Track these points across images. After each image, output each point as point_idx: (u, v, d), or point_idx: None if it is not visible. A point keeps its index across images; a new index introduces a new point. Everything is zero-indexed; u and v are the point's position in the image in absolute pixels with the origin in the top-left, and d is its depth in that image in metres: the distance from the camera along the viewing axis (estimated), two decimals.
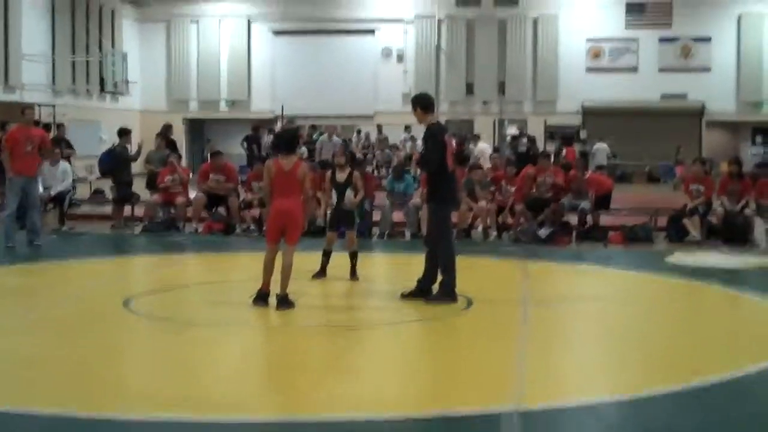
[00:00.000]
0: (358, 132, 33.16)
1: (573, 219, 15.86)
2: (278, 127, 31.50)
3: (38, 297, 10.30)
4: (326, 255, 10.85)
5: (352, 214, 10.96)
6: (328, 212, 11.61)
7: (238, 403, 5.87)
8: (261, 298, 8.96)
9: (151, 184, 17.30)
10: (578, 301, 9.73)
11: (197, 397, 6.04)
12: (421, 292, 9.53)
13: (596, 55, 36.63)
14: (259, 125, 29.67)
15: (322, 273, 10.79)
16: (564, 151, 21.23)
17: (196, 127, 39.33)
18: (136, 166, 18.56)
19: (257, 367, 7.34)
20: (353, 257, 10.84)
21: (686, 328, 8.81)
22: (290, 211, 9.12)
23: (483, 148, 26.25)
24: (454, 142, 26.39)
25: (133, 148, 18.23)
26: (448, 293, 9.41)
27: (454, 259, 9.50)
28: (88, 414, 5.63)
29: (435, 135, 9.53)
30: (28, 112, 14.27)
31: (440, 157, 9.48)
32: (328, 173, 11.15)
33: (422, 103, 9.73)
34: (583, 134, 34.33)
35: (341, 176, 10.85)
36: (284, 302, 8.90)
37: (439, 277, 9.52)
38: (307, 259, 10.52)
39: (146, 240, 15.42)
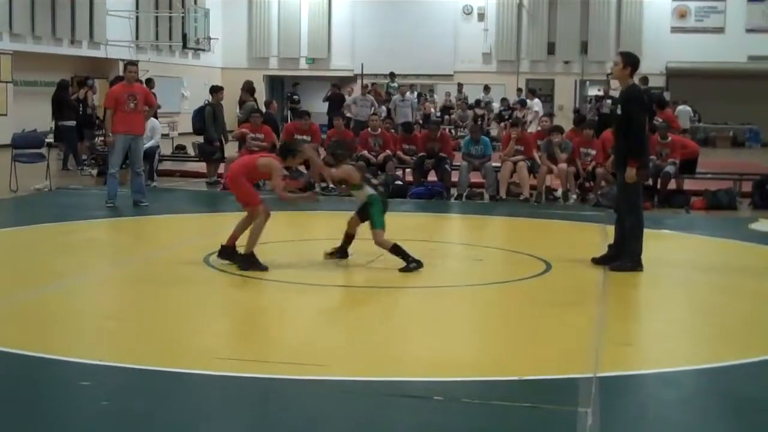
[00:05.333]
0: (430, 92, 33.05)
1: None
2: (357, 86, 31.45)
3: (124, 252, 10.55)
4: (347, 237, 9.44)
5: (370, 207, 9.18)
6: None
7: (309, 361, 5.92)
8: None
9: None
10: (657, 267, 9.60)
11: (267, 354, 6.14)
12: (612, 257, 9.43)
13: (682, 14, 35.86)
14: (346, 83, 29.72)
15: (339, 253, 9.43)
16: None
17: (277, 84, 39.59)
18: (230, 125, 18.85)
19: (330, 326, 7.38)
20: (395, 253, 9.05)
21: None
22: (228, 177, 9.42)
23: (536, 105, 26.19)
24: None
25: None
26: (634, 261, 9.26)
27: (642, 227, 9.34)
28: (160, 367, 5.76)
29: (638, 97, 9.33)
30: (131, 69, 14.00)
31: (642, 121, 9.29)
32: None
33: (634, 63, 9.49)
34: (666, 96, 33.70)
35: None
36: (243, 261, 8.89)
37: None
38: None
39: (227, 197, 15.56)
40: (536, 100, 27.95)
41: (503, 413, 5.10)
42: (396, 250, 8.99)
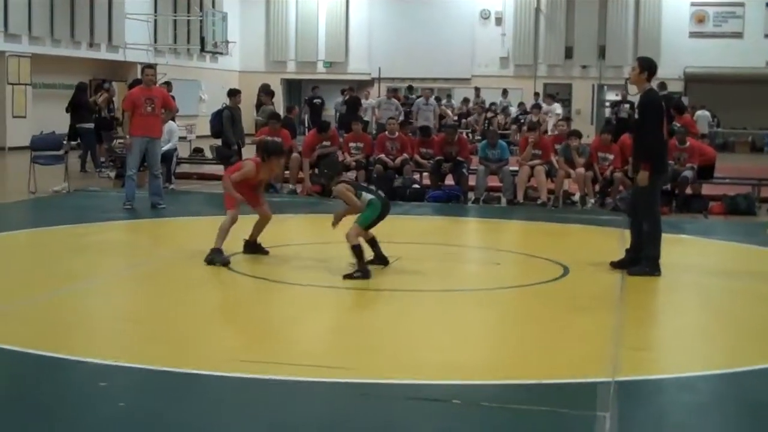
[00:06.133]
0: (448, 96, 33.13)
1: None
2: (372, 91, 31.46)
3: (142, 253, 10.57)
4: (370, 243, 9.22)
5: (367, 207, 9.07)
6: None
7: (326, 363, 5.94)
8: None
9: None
10: (676, 272, 9.56)
11: (286, 356, 6.14)
12: (630, 261, 9.39)
13: (700, 20, 35.72)
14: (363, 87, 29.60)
15: (378, 261, 9.27)
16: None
17: (294, 88, 39.66)
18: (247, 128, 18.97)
19: (347, 328, 7.40)
20: (354, 253, 8.84)
21: None
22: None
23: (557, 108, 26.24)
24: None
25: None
26: (652, 265, 9.23)
27: (660, 231, 9.31)
28: (177, 368, 5.76)
29: (654, 102, 9.31)
30: (148, 72, 14.09)
31: (658, 126, 9.25)
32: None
33: (651, 68, 9.47)
34: (685, 101, 33.59)
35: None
36: (210, 253, 9.30)
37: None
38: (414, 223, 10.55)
39: None
40: (555, 104, 27.95)
41: (521, 417, 5.09)
42: (357, 251, 8.78)
